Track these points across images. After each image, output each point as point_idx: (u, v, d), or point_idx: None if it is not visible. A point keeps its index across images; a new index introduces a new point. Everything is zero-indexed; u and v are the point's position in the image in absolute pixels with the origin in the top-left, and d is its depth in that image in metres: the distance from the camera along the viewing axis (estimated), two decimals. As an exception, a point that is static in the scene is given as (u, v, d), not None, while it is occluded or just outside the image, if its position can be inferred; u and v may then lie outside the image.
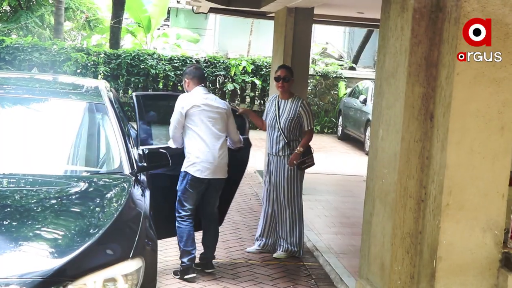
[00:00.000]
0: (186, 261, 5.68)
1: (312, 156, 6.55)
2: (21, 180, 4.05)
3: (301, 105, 6.42)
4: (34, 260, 3.11)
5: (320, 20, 12.47)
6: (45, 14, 21.02)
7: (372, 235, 4.66)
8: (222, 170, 5.75)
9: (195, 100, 5.67)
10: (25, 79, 6.13)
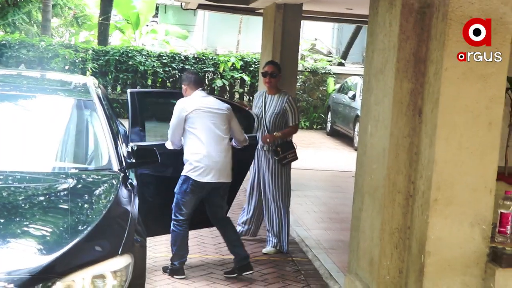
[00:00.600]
0: (177, 264, 5.67)
1: (294, 151, 6.53)
2: (8, 177, 4.03)
3: (287, 101, 6.42)
4: (22, 257, 3.10)
5: (309, 16, 12.49)
6: (33, 10, 20.91)
7: (361, 231, 4.67)
8: (225, 173, 5.63)
9: (196, 103, 5.57)
10: (13, 75, 6.10)
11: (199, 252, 6.48)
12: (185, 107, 5.55)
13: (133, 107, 5.66)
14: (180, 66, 17.11)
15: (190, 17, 27.01)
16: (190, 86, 5.72)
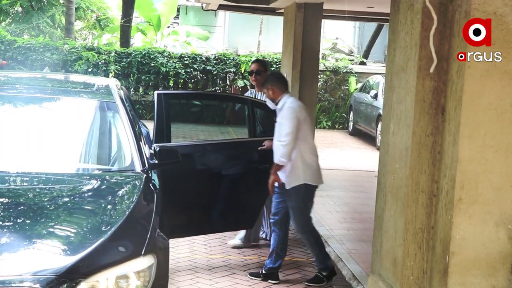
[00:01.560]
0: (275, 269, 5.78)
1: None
2: (34, 178, 4.07)
3: None
4: (47, 257, 3.13)
5: (329, 15, 12.45)
6: (56, 14, 21.12)
7: (384, 231, 4.64)
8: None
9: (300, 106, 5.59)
10: (37, 78, 6.16)
11: (222, 252, 6.50)
12: (296, 109, 5.48)
13: (159, 108, 5.69)
14: (201, 67, 17.16)
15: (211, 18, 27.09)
16: (280, 88, 5.63)
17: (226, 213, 6.01)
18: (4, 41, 16.63)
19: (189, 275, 5.73)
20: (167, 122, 5.73)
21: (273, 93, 5.62)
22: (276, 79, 5.74)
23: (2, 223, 3.38)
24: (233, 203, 5.98)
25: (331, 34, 25.11)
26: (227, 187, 5.92)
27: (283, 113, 5.52)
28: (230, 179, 5.94)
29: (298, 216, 5.65)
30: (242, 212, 6.08)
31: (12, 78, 5.81)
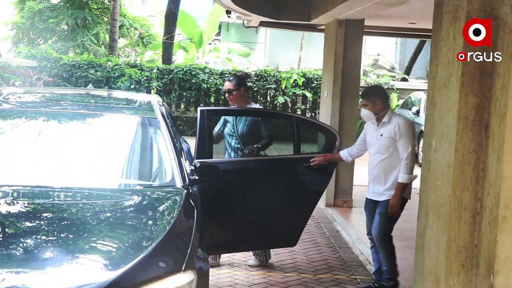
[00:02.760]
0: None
1: None
2: (77, 193, 4.14)
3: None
4: (89, 272, 3.16)
5: (371, 32, 12.40)
6: (101, 32, 21.55)
7: (426, 249, 4.57)
8: None
9: None
10: (81, 95, 6.28)
11: (262, 269, 6.48)
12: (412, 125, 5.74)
13: (202, 125, 5.72)
14: (242, 83, 17.23)
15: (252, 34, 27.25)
16: (385, 102, 5.77)
17: (268, 231, 5.98)
18: (50, 59, 17.03)
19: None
20: (209, 138, 5.75)
21: (379, 107, 5.71)
22: (383, 93, 5.86)
23: (46, 238, 3.45)
24: (275, 220, 5.93)
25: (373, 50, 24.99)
26: (269, 204, 5.89)
27: (400, 128, 5.62)
28: (272, 195, 5.89)
29: (384, 224, 5.75)
30: (285, 230, 6.04)
31: (57, 94, 5.95)
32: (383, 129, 5.70)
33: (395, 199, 5.62)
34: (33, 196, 4.06)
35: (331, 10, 8.43)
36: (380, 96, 5.74)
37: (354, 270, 6.56)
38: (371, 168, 5.83)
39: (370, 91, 5.92)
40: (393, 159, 5.66)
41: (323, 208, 9.29)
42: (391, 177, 5.67)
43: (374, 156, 5.79)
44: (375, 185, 5.79)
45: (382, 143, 5.70)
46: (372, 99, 5.72)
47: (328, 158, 5.90)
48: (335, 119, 9.39)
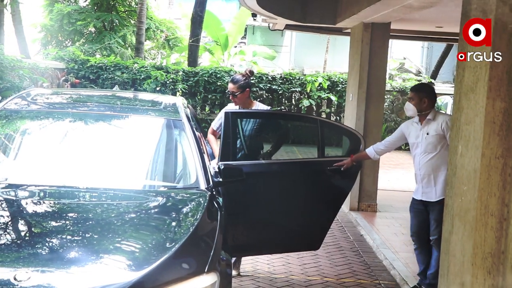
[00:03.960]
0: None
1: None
2: (102, 194, 4.17)
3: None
4: (113, 272, 3.19)
5: (397, 35, 12.32)
6: (127, 34, 21.72)
7: (451, 254, 4.52)
8: None
9: None
10: (107, 96, 6.34)
11: (285, 272, 6.47)
12: None
13: (226, 127, 5.73)
14: (267, 86, 17.27)
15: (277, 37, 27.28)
16: (432, 101, 5.79)
17: (291, 234, 5.96)
18: (78, 61, 17.21)
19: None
20: (233, 141, 5.76)
21: (425, 105, 5.72)
22: (431, 93, 5.85)
23: (71, 238, 3.48)
24: (298, 224, 5.91)
25: (399, 54, 24.83)
26: (292, 207, 5.87)
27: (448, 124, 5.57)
28: (295, 199, 5.87)
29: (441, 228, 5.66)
30: (308, 233, 6.02)
31: (83, 96, 6.01)
32: (429, 127, 5.69)
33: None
34: (59, 196, 4.11)
35: (357, 14, 8.40)
36: (429, 95, 5.75)
37: (378, 275, 6.51)
38: (418, 168, 5.76)
39: (421, 87, 5.93)
40: (442, 157, 5.59)
41: (347, 212, 9.25)
42: (440, 176, 5.60)
43: (422, 156, 5.73)
44: (424, 185, 5.72)
45: (430, 141, 5.66)
46: (420, 95, 5.73)
47: (355, 158, 5.86)
48: (360, 122, 9.34)
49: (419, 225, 5.83)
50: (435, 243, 5.67)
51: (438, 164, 5.64)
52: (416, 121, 5.80)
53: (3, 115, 4.76)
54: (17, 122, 4.83)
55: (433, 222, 5.67)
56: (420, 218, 5.81)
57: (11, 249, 3.31)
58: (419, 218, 5.82)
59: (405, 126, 5.96)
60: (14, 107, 4.89)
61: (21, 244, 3.38)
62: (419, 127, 5.77)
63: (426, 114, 5.73)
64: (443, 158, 5.58)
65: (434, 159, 5.66)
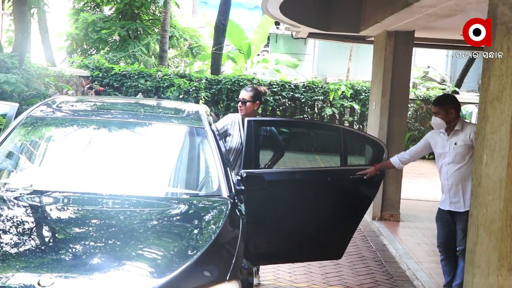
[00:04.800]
0: None
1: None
2: (125, 201, 4.19)
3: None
4: (135, 279, 3.20)
5: (421, 44, 12.25)
6: (151, 42, 21.86)
7: (475, 266, 4.46)
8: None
9: None
10: (131, 104, 6.38)
11: (307, 281, 6.44)
12: None
13: (249, 135, 5.72)
14: (290, 94, 17.27)
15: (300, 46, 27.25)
16: (458, 113, 5.77)
17: (313, 243, 5.93)
18: (102, 68, 17.37)
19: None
20: (256, 149, 5.74)
21: (452, 116, 5.69)
22: (456, 102, 5.81)
23: (94, 244, 3.50)
24: (320, 233, 5.87)
25: (423, 62, 24.66)
26: (315, 216, 5.83)
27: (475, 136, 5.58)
28: (317, 207, 5.83)
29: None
30: (330, 242, 5.98)
31: (107, 103, 6.05)
32: (457, 138, 5.67)
33: None
34: (82, 203, 4.14)
35: (381, 22, 8.37)
36: (454, 105, 5.73)
37: (400, 285, 6.45)
38: (446, 178, 5.73)
39: (445, 99, 5.86)
40: (470, 167, 5.51)
41: (370, 221, 9.19)
42: (468, 186, 5.52)
43: (449, 166, 5.70)
44: (451, 195, 5.69)
45: (458, 151, 5.64)
46: (446, 108, 5.69)
47: (378, 167, 5.81)
48: (383, 131, 9.29)
49: (446, 235, 5.77)
50: (462, 253, 5.60)
51: (466, 174, 5.59)
52: (443, 131, 5.76)
53: (29, 122, 4.82)
54: (42, 129, 4.88)
55: (460, 232, 5.61)
56: (447, 229, 5.75)
57: (35, 255, 3.34)
58: (446, 229, 5.77)
59: (430, 136, 5.90)
60: (39, 114, 4.95)
61: (45, 250, 3.41)
62: (446, 137, 5.73)
63: (454, 124, 5.70)
64: (471, 169, 5.46)
65: (462, 169, 5.62)
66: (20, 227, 3.69)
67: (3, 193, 4.11)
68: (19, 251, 3.36)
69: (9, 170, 4.52)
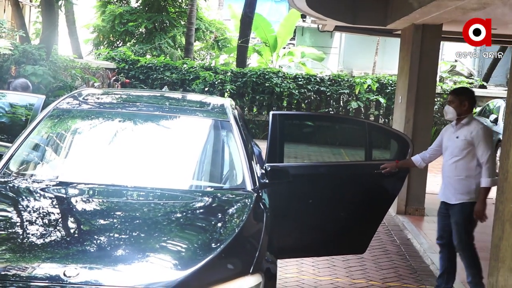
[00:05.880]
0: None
1: None
2: (149, 193, 4.22)
3: None
4: (159, 270, 3.23)
5: (449, 37, 12.11)
6: (177, 35, 21.95)
7: (500, 261, 4.42)
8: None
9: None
10: (156, 97, 6.42)
11: (330, 274, 6.44)
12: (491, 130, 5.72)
13: (273, 129, 5.73)
14: (315, 88, 17.21)
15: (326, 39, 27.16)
16: (471, 107, 5.76)
17: (337, 237, 5.92)
18: (128, 61, 17.50)
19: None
20: (280, 143, 5.74)
21: (465, 108, 5.68)
22: (472, 97, 5.81)
23: (118, 236, 3.54)
24: (344, 227, 5.85)
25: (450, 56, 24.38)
26: (338, 210, 5.81)
27: (477, 132, 5.57)
28: (341, 202, 5.81)
29: (461, 233, 5.67)
30: (354, 237, 5.96)
31: (133, 96, 6.10)
32: (460, 131, 5.68)
33: (479, 204, 5.53)
34: (107, 195, 4.19)
35: (408, 15, 8.29)
36: (469, 98, 5.72)
37: (424, 279, 6.41)
38: (444, 170, 5.82)
39: (461, 90, 5.91)
40: (466, 163, 5.60)
41: (394, 216, 9.14)
42: (462, 181, 5.61)
43: (447, 158, 5.77)
44: (445, 186, 5.78)
45: (457, 144, 5.66)
46: (461, 98, 5.69)
47: (399, 165, 5.80)
48: (408, 125, 9.22)
49: (442, 228, 5.84)
50: (458, 248, 5.67)
51: (460, 168, 5.63)
52: (453, 125, 5.81)
53: (56, 114, 4.87)
54: (68, 121, 4.93)
55: (454, 225, 5.67)
56: (443, 222, 5.83)
57: (61, 246, 3.39)
58: (442, 222, 5.84)
59: (444, 129, 5.96)
60: (66, 106, 5.00)
61: (71, 241, 3.46)
62: (453, 129, 5.77)
63: (464, 118, 5.69)
64: (466, 164, 5.60)
65: (458, 163, 5.65)
66: (46, 218, 3.74)
67: (30, 184, 4.18)
68: (45, 242, 3.41)
69: (35, 162, 4.58)
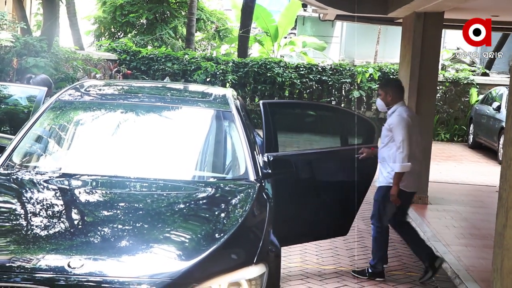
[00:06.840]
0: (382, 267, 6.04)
1: None
2: (152, 184, 4.23)
3: None
4: (163, 261, 3.23)
5: (451, 25, 12.06)
6: (178, 25, 21.87)
7: (504, 248, 4.43)
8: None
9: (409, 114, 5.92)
10: (158, 88, 6.41)
11: (334, 263, 6.45)
12: (406, 118, 5.84)
13: (266, 118, 5.74)
14: (317, 77, 17.18)
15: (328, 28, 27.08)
16: (397, 98, 5.99)
17: (320, 222, 5.94)
18: (130, 52, 17.46)
19: (300, 285, 5.72)
20: (274, 131, 5.77)
21: (389, 99, 5.97)
22: (397, 87, 6.12)
23: (122, 227, 3.55)
24: (327, 211, 5.92)
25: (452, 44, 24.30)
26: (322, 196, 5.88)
27: (393, 120, 5.87)
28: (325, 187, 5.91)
29: (376, 210, 6.01)
30: (338, 220, 6.03)
31: (135, 87, 6.09)
32: (387, 121, 5.99)
33: (393, 188, 5.81)
34: (110, 186, 4.19)
35: (410, 3, 8.25)
36: (393, 89, 6.00)
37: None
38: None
39: (385, 82, 6.29)
40: (387, 150, 5.88)
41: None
42: (385, 166, 5.91)
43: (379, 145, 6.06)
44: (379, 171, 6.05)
45: (383, 133, 6.00)
46: (386, 90, 6.00)
47: (375, 151, 5.98)
48: (411, 114, 9.19)
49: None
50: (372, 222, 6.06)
51: (383, 156, 5.91)
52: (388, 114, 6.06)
53: (58, 106, 4.87)
54: (70, 113, 4.93)
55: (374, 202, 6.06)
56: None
57: (65, 237, 3.40)
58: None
59: None
60: (68, 98, 5.00)
61: (75, 232, 3.47)
62: None
63: (390, 108, 5.97)
64: (387, 152, 5.87)
65: (382, 149, 5.94)
66: (50, 210, 3.75)
67: (33, 176, 4.18)
68: (49, 233, 3.42)
69: (38, 154, 4.58)
